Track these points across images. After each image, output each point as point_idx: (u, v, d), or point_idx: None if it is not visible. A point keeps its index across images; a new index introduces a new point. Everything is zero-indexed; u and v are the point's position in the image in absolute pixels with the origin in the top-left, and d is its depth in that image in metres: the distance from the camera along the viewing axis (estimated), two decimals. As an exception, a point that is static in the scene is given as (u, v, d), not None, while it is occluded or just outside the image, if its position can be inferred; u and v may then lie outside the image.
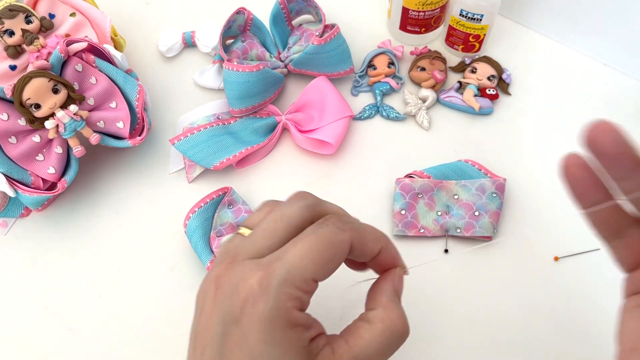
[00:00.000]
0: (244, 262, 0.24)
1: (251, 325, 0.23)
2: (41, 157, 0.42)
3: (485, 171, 0.45)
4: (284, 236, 0.25)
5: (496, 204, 0.43)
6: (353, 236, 0.26)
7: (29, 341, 0.41)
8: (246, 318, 0.23)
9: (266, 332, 0.23)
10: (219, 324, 0.24)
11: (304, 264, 0.24)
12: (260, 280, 0.23)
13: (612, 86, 0.51)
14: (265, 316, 0.23)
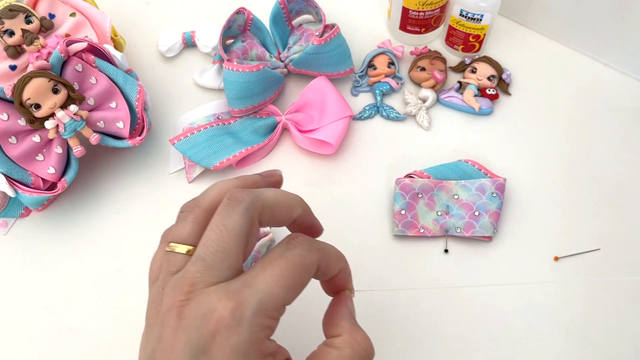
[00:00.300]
0: (207, 290, 0.23)
1: (222, 357, 0.22)
2: (41, 157, 0.42)
3: (485, 171, 0.45)
4: (237, 252, 0.24)
5: (496, 204, 0.43)
6: (320, 257, 0.25)
7: (29, 341, 0.41)
8: (217, 349, 0.22)
9: (237, 355, 0.22)
10: (185, 355, 0.22)
11: (276, 292, 0.23)
12: (232, 311, 0.22)
13: (612, 86, 0.51)
14: (238, 348, 0.22)
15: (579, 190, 0.45)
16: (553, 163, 0.47)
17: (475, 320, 0.40)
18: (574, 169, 0.46)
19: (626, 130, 0.48)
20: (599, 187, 0.45)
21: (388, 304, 0.41)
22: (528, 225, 0.44)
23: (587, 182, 0.46)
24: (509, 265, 0.42)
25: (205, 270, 0.24)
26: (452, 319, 0.40)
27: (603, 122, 0.49)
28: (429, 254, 0.43)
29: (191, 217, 0.27)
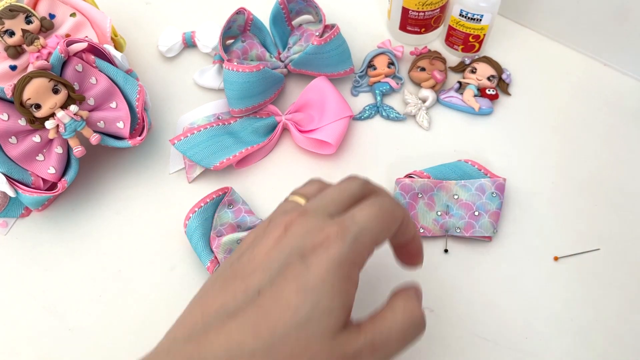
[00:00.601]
0: (316, 215, 0.27)
1: (317, 264, 0.24)
2: (41, 157, 0.42)
3: (485, 171, 0.45)
4: (347, 205, 0.28)
5: (496, 204, 0.43)
6: (405, 214, 0.28)
7: (29, 341, 0.41)
8: (315, 257, 0.25)
9: (329, 272, 0.24)
10: (282, 255, 0.25)
11: (372, 227, 0.26)
12: (337, 231, 0.25)
13: (612, 86, 0.51)
14: (335, 259, 0.24)
15: (578, 190, 0.46)
16: (553, 163, 0.47)
17: (475, 320, 0.40)
18: (574, 169, 0.46)
19: (626, 130, 0.48)
20: (599, 187, 0.45)
21: (388, 304, 0.41)
22: (528, 225, 0.44)
23: (587, 182, 0.46)
24: (509, 265, 0.42)
25: (317, 204, 0.28)
26: (451, 319, 0.40)
27: (603, 122, 0.49)
28: (429, 254, 0.43)
29: (318, 184, 0.30)
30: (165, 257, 0.44)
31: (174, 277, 0.43)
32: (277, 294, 0.24)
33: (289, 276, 0.24)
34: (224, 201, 0.44)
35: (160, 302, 0.42)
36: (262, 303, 0.24)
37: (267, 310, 0.24)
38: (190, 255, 0.43)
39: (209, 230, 0.42)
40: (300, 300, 0.24)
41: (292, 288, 0.24)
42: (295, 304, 0.24)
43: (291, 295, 0.24)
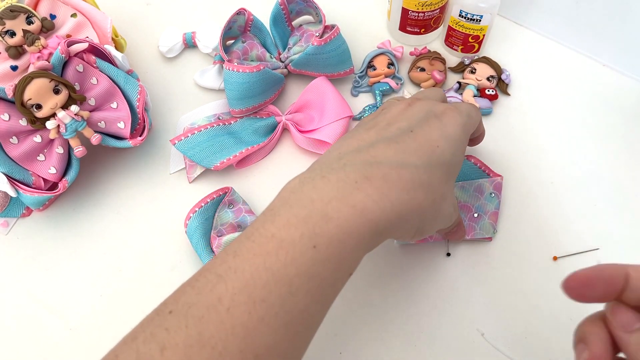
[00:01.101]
0: (428, 100, 0.35)
1: (451, 123, 0.33)
2: (42, 157, 0.43)
3: (484, 168, 0.44)
4: (443, 101, 0.37)
5: (494, 204, 0.43)
6: (481, 118, 0.37)
7: (30, 340, 0.41)
8: (447, 118, 0.33)
9: (459, 131, 0.33)
10: (420, 113, 0.33)
11: (473, 114, 0.35)
12: (453, 108, 0.34)
13: (611, 86, 0.51)
14: (460, 123, 0.33)
15: (578, 190, 0.46)
16: (552, 163, 0.47)
17: (475, 320, 0.40)
18: (573, 169, 0.47)
19: (625, 130, 0.48)
20: (599, 187, 0.46)
21: (389, 304, 0.41)
22: (527, 225, 0.44)
23: (587, 182, 0.46)
24: (509, 265, 0.42)
25: (425, 97, 0.37)
26: (451, 319, 0.40)
27: (602, 122, 0.49)
28: (432, 259, 0.43)
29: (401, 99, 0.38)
30: (166, 257, 0.44)
31: (175, 277, 0.43)
32: (427, 134, 0.32)
33: (432, 125, 0.32)
34: (225, 201, 0.44)
35: (160, 301, 0.42)
36: (416, 137, 0.31)
37: (421, 143, 0.31)
38: (191, 255, 0.43)
39: (209, 230, 0.43)
40: (445, 145, 0.32)
41: (437, 134, 0.32)
42: (442, 147, 0.31)
43: (439, 139, 0.32)
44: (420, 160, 0.30)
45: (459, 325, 0.40)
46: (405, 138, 0.31)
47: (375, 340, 0.40)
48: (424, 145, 0.31)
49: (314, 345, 0.40)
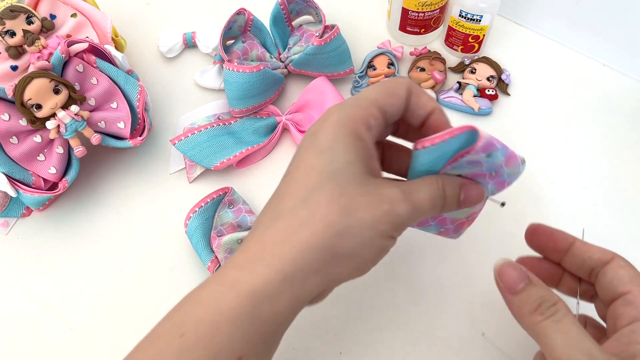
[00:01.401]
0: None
1: (323, 131, 0.28)
2: (42, 157, 0.43)
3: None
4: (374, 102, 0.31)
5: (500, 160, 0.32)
6: (410, 83, 0.30)
7: (30, 340, 0.41)
8: (320, 130, 0.28)
9: (335, 133, 0.27)
10: (303, 141, 0.29)
11: (371, 94, 0.29)
12: (336, 105, 0.29)
13: (611, 86, 0.51)
14: (335, 120, 0.28)
15: (578, 190, 0.46)
16: (552, 163, 0.47)
17: (476, 320, 0.40)
18: (573, 169, 0.47)
19: (625, 130, 0.48)
20: (599, 186, 0.46)
21: (389, 305, 0.41)
22: (527, 225, 0.44)
23: (587, 182, 0.46)
24: (509, 265, 0.42)
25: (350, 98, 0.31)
26: (452, 319, 0.40)
27: (602, 122, 0.49)
28: (430, 254, 0.43)
29: None
30: (166, 257, 0.44)
31: (174, 277, 0.43)
32: (301, 160, 0.28)
33: (305, 147, 0.29)
34: (225, 201, 0.44)
35: (160, 301, 0.42)
36: (289, 177, 0.29)
37: (295, 177, 0.28)
38: (191, 255, 0.43)
39: (209, 230, 0.43)
40: (318, 162, 0.27)
41: (310, 154, 0.28)
42: (317, 165, 0.27)
43: (310, 160, 0.28)
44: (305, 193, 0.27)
45: (460, 325, 0.40)
46: (284, 178, 0.30)
47: (375, 340, 0.40)
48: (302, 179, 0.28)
49: (314, 345, 0.40)
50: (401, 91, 0.29)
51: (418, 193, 0.28)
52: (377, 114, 0.29)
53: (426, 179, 0.29)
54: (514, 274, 0.29)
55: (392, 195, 0.27)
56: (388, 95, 0.29)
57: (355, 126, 0.28)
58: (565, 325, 0.27)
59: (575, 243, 0.32)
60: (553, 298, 0.28)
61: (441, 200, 0.29)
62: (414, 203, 0.28)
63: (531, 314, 0.28)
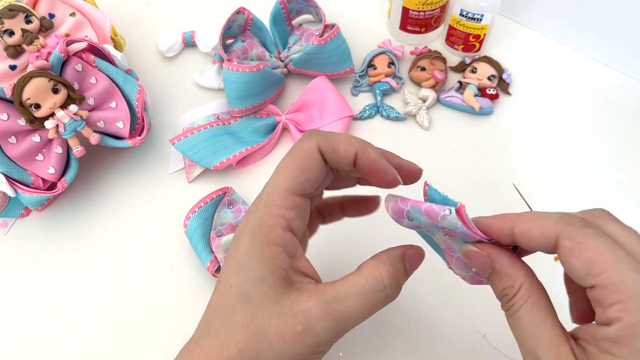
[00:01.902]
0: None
1: (241, 241, 0.27)
2: (41, 157, 0.42)
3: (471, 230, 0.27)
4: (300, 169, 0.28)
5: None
6: (319, 141, 0.27)
7: (29, 341, 0.41)
8: (240, 237, 0.27)
9: (249, 245, 0.26)
10: (232, 244, 0.28)
11: (279, 181, 0.27)
12: (251, 206, 0.28)
13: (612, 86, 0.51)
14: (249, 230, 0.26)
15: (578, 190, 0.45)
16: (553, 162, 0.47)
17: (476, 320, 0.40)
18: (574, 169, 0.46)
19: (626, 130, 0.48)
20: (599, 186, 0.45)
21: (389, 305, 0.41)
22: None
23: (587, 182, 0.46)
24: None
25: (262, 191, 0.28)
26: (453, 320, 0.40)
27: (603, 122, 0.49)
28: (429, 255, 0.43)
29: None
30: (165, 257, 0.44)
31: (174, 277, 0.43)
32: (223, 274, 0.28)
33: (228, 260, 0.28)
34: (224, 201, 0.44)
35: (160, 301, 0.42)
36: (217, 288, 0.28)
37: (220, 291, 0.27)
38: (190, 255, 0.43)
39: (209, 230, 0.42)
40: (235, 279, 0.27)
41: (230, 268, 0.27)
42: (234, 282, 0.27)
43: (230, 276, 0.27)
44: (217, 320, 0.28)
45: (460, 326, 0.40)
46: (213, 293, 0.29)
47: (375, 341, 0.40)
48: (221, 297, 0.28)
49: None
50: (312, 159, 0.27)
51: (347, 298, 0.26)
52: (293, 203, 0.26)
53: (361, 273, 0.27)
54: (477, 263, 0.27)
55: (309, 313, 0.25)
56: (299, 173, 0.27)
57: (268, 233, 0.26)
58: (517, 321, 0.25)
59: (514, 229, 0.26)
60: (512, 290, 0.26)
61: (381, 293, 0.27)
62: (338, 314, 0.25)
63: (502, 304, 0.27)
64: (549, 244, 0.24)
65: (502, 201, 0.45)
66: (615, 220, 0.25)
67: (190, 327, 0.30)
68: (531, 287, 0.25)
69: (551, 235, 0.24)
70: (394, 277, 0.27)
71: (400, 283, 0.28)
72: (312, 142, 0.27)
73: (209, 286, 0.42)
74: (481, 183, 0.46)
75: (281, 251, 0.26)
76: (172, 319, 0.41)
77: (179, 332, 0.40)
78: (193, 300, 0.41)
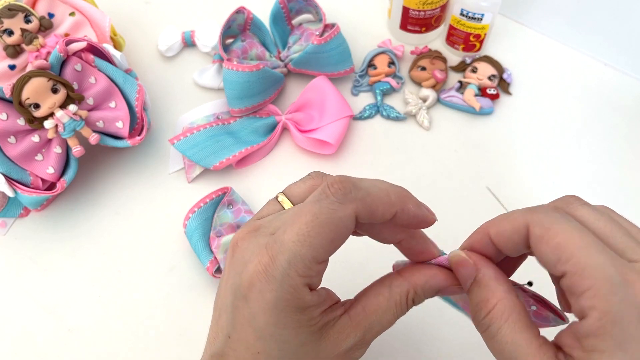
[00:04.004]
0: (260, 236, 0.25)
1: (259, 309, 0.23)
2: (40, 157, 0.42)
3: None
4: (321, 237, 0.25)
5: None
6: (357, 208, 0.24)
7: (28, 341, 0.41)
8: (254, 301, 0.24)
9: (275, 316, 0.23)
10: (230, 295, 0.25)
11: (303, 252, 0.23)
12: (265, 267, 0.23)
13: (613, 86, 0.51)
14: (273, 304, 0.23)
15: (579, 190, 0.45)
16: (553, 163, 0.47)
17: (476, 320, 0.40)
18: (575, 169, 0.46)
19: (626, 129, 0.48)
20: (599, 186, 0.45)
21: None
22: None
23: (588, 182, 0.46)
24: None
25: (275, 222, 0.25)
26: (453, 320, 0.40)
27: (603, 122, 0.49)
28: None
29: (312, 181, 0.27)
30: (165, 257, 0.44)
31: (174, 277, 0.43)
32: (242, 339, 0.25)
33: (244, 323, 0.24)
34: (224, 201, 0.43)
35: (159, 302, 0.42)
36: (233, 346, 0.25)
37: (237, 354, 0.25)
38: (190, 255, 0.43)
39: (208, 231, 0.42)
40: (265, 347, 0.24)
41: (250, 333, 0.24)
42: (263, 350, 0.24)
43: (253, 342, 0.24)
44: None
45: (461, 326, 0.40)
46: (225, 349, 0.25)
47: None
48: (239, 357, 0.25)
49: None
50: (346, 228, 0.24)
51: (380, 325, 0.26)
52: (317, 268, 0.24)
53: (392, 298, 0.26)
54: (462, 272, 0.25)
55: (349, 348, 0.25)
56: (329, 243, 0.24)
57: (297, 304, 0.24)
58: (498, 343, 0.23)
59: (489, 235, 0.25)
60: (487, 305, 0.23)
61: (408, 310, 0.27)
62: (373, 338, 0.26)
63: (475, 320, 0.25)
64: (522, 238, 0.23)
65: (502, 201, 0.44)
66: (586, 205, 0.24)
67: (190, 326, 0.30)
68: (512, 305, 0.23)
69: (522, 226, 0.23)
70: (421, 301, 0.27)
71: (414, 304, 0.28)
72: (348, 209, 0.24)
73: (209, 286, 0.42)
74: (481, 183, 0.46)
75: (312, 310, 0.24)
76: (171, 319, 0.41)
77: (178, 332, 0.40)
78: (193, 301, 0.41)
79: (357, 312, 0.26)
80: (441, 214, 0.29)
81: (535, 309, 0.28)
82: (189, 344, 0.40)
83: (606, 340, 0.20)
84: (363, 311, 0.26)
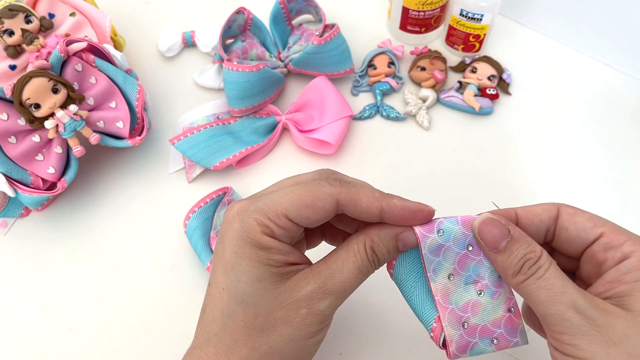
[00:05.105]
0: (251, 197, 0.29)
1: (227, 241, 0.27)
2: (41, 157, 0.42)
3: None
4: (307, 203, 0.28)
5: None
6: (340, 192, 0.27)
7: (29, 341, 0.41)
8: (226, 236, 0.28)
9: (236, 246, 0.27)
10: (217, 244, 0.29)
11: (281, 201, 0.27)
12: (240, 207, 0.28)
13: (612, 86, 0.51)
14: (237, 232, 0.27)
15: (578, 190, 0.45)
16: (553, 162, 0.47)
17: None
18: (574, 169, 0.46)
19: (626, 129, 0.48)
20: (599, 186, 0.45)
21: (389, 305, 0.41)
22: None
23: (587, 182, 0.46)
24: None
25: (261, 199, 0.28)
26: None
27: (603, 122, 0.49)
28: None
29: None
30: (165, 257, 0.44)
31: (174, 277, 0.43)
32: (214, 280, 0.28)
33: (216, 260, 0.29)
34: (224, 201, 0.44)
35: (160, 302, 0.42)
36: (210, 291, 0.29)
37: (212, 294, 0.28)
38: (190, 255, 0.43)
39: (209, 230, 0.42)
40: (226, 281, 0.27)
41: (220, 271, 0.28)
42: (225, 284, 0.27)
43: (221, 279, 0.28)
44: (222, 317, 0.28)
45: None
46: (206, 299, 0.30)
47: (375, 340, 0.40)
48: (215, 301, 0.29)
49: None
50: (323, 203, 0.27)
51: (341, 274, 0.27)
52: (284, 223, 0.27)
53: (350, 248, 0.28)
54: (494, 232, 0.27)
55: (309, 295, 0.27)
56: (303, 207, 0.26)
57: (257, 238, 0.26)
58: (546, 281, 0.25)
59: (517, 218, 0.29)
60: (535, 254, 0.26)
61: (372, 266, 0.28)
62: (336, 290, 0.27)
63: (515, 275, 0.26)
64: (551, 217, 0.28)
65: (502, 201, 0.44)
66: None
67: (190, 327, 0.30)
68: (548, 254, 0.27)
69: (552, 208, 0.28)
70: (381, 251, 0.28)
71: (391, 255, 0.29)
72: (333, 190, 0.27)
73: (209, 286, 0.42)
74: (481, 183, 0.46)
75: (272, 252, 0.27)
76: (171, 319, 0.41)
77: (179, 332, 0.40)
78: (193, 300, 0.41)
79: (319, 264, 0.28)
80: (441, 214, 0.29)
81: (514, 311, 0.30)
82: (189, 344, 0.40)
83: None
84: (324, 263, 0.28)
